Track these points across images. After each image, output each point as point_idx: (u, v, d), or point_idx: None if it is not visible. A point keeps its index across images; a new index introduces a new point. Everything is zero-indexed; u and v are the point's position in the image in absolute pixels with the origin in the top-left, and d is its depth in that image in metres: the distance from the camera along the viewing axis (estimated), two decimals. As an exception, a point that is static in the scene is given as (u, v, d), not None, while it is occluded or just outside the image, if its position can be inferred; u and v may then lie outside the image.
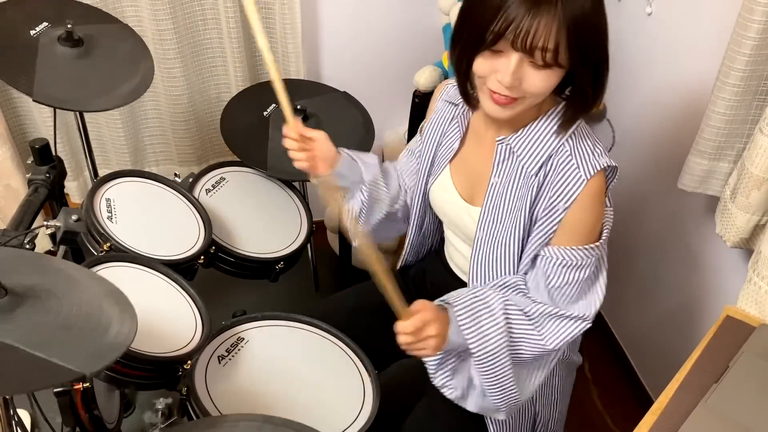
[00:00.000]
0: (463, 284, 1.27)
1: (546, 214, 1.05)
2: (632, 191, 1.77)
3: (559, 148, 1.05)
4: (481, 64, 0.98)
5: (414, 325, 1.02)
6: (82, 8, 1.56)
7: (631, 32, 1.72)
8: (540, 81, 0.96)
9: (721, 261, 1.51)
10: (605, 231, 1.09)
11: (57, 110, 1.58)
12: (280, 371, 1.25)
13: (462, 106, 1.17)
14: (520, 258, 1.12)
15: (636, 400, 1.88)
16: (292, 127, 1.16)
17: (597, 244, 1.07)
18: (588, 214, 1.05)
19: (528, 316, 1.10)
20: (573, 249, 1.05)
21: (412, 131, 2.02)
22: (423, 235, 1.36)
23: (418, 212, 1.31)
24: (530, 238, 1.09)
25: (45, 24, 1.44)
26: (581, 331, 1.12)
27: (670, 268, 1.68)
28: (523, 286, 1.13)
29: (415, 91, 1.97)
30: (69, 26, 1.40)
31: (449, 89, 1.23)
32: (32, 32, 1.41)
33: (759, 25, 1.14)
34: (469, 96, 1.09)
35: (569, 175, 1.03)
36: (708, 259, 1.55)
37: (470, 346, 1.07)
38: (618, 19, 1.78)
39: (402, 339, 1.03)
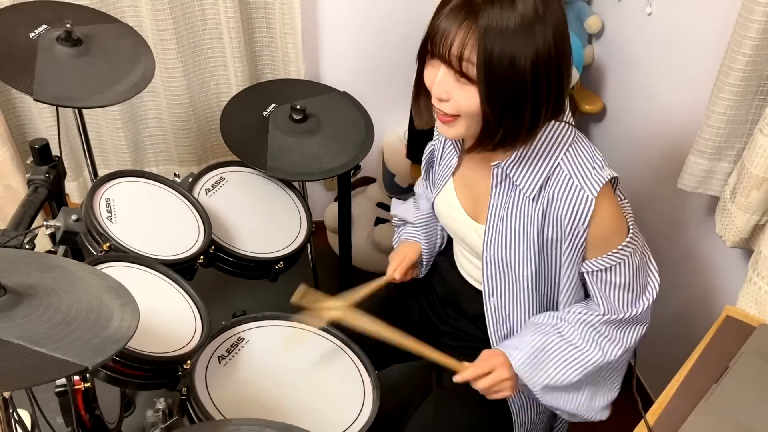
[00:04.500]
0: (475, 290, 1.28)
1: (568, 238, 1.06)
2: (632, 191, 1.76)
3: (554, 169, 1.04)
4: (425, 76, 1.02)
5: (479, 371, 1.13)
6: (81, 10, 1.56)
7: (631, 32, 1.72)
8: (465, 98, 0.97)
9: (721, 261, 1.51)
10: (630, 222, 1.09)
11: (58, 109, 1.59)
12: (281, 371, 1.25)
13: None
14: (534, 276, 1.13)
15: (636, 400, 1.88)
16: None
17: (629, 237, 1.07)
18: (609, 221, 1.05)
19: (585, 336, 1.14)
20: (611, 253, 1.06)
21: (412, 131, 2.02)
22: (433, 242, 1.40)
23: None
24: (562, 265, 1.10)
25: (44, 26, 1.44)
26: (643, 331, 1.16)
27: (671, 268, 1.68)
28: (582, 310, 1.16)
29: (415, 91, 1.97)
30: (68, 26, 1.40)
31: None
32: (32, 35, 1.42)
33: (759, 25, 1.14)
34: (420, 112, 1.10)
35: (576, 197, 1.02)
36: (708, 259, 1.55)
37: (539, 398, 1.16)
38: (618, 19, 1.78)
39: (479, 385, 1.14)
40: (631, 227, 1.08)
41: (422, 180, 1.41)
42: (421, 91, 1.06)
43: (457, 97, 0.98)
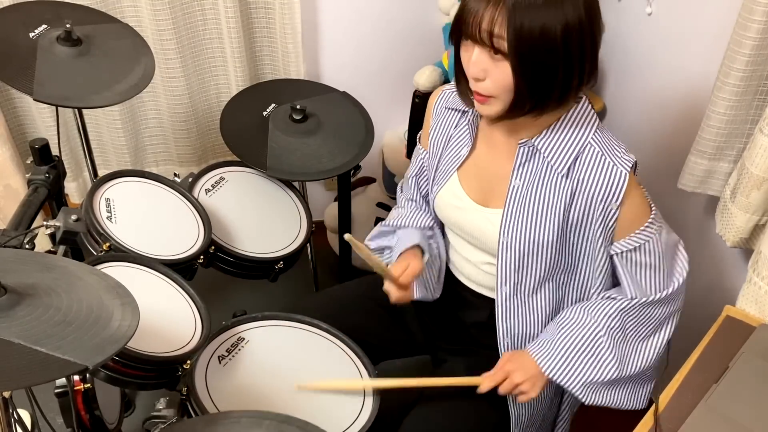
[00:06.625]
0: (474, 295, 1.28)
1: (600, 218, 1.07)
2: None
3: (585, 147, 1.06)
4: (461, 58, 1.04)
5: (495, 380, 1.15)
6: (81, 10, 1.57)
7: (631, 32, 1.72)
8: (500, 74, 0.98)
9: (721, 261, 1.51)
10: (651, 203, 1.12)
11: (58, 109, 1.59)
12: (281, 371, 1.25)
13: (472, 112, 1.17)
14: (551, 260, 1.13)
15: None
16: (394, 283, 1.20)
17: (653, 216, 1.10)
18: (637, 201, 1.08)
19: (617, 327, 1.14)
20: (638, 231, 1.09)
21: (412, 131, 2.02)
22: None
23: None
24: (590, 243, 1.11)
25: (44, 26, 1.44)
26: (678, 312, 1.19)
27: (670, 268, 1.68)
28: (611, 294, 1.16)
29: (415, 91, 1.97)
30: (68, 26, 1.40)
31: (447, 95, 1.23)
32: (31, 34, 1.42)
33: (759, 25, 1.14)
34: (463, 93, 1.11)
35: (610, 173, 1.05)
36: (708, 259, 1.55)
37: (571, 390, 1.15)
38: (618, 19, 1.78)
39: (501, 391, 1.16)
40: (653, 207, 1.11)
41: (408, 188, 1.38)
42: (461, 74, 1.07)
43: (493, 75, 0.99)
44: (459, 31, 1.00)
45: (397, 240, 1.30)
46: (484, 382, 1.16)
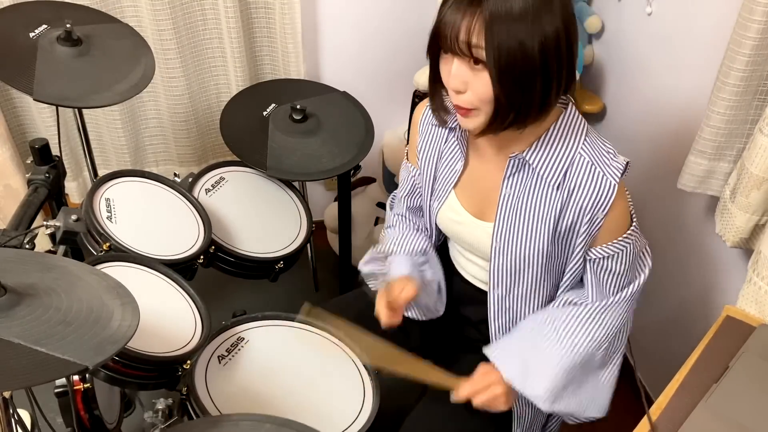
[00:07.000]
0: (478, 291, 1.28)
1: (586, 225, 1.07)
2: (632, 191, 1.75)
3: (575, 157, 1.06)
4: (441, 72, 1.03)
5: (476, 389, 1.11)
6: (81, 10, 1.57)
7: (631, 32, 1.72)
8: (481, 84, 0.97)
9: (721, 261, 1.51)
10: (632, 212, 1.12)
11: (58, 109, 1.59)
12: (280, 371, 1.25)
13: (459, 128, 1.17)
14: (542, 266, 1.13)
15: (636, 400, 1.88)
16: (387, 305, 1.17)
17: (633, 227, 1.10)
18: (621, 210, 1.08)
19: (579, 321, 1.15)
20: (616, 241, 1.09)
21: (412, 131, 2.02)
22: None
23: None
24: (573, 249, 1.11)
25: (44, 26, 1.44)
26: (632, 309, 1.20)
27: (670, 268, 1.68)
28: (573, 298, 1.17)
29: (415, 91, 1.97)
30: (68, 26, 1.40)
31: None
32: (32, 34, 1.42)
33: (759, 25, 1.14)
34: (439, 111, 1.11)
35: (600, 184, 1.04)
36: (708, 259, 1.55)
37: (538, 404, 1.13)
38: (618, 19, 1.78)
39: (476, 402, 1.12)
40: (633, 218, 1.11)
41: (400, 213, 1.36)
42: (435, 90, 1.07)
43: (473, 86, 0.98)
44: (436, 45, 1.00)
45: (389, 267, 1.28)
46: (464, 388, 1.12)
